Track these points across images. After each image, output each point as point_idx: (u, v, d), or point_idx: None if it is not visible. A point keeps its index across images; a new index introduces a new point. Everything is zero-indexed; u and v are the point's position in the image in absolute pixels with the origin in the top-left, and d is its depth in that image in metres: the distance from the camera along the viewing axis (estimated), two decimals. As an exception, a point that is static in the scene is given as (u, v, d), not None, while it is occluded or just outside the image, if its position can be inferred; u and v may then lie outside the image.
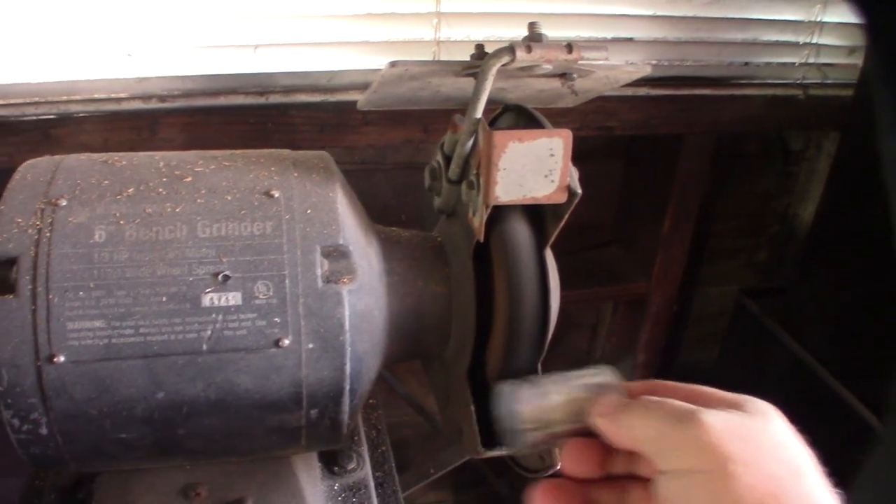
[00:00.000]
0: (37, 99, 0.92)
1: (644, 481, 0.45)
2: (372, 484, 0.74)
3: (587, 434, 0.48)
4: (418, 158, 1.16)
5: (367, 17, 0.98)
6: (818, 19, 1.20)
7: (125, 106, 0.94)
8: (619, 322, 1.45)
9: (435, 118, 1.03)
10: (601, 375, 0.50)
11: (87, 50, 0.91)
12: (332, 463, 0.73)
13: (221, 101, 0.96)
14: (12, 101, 0.91)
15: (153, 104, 0.94)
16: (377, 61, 1.00)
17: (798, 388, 1.21)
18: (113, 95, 0.94)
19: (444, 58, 1.01)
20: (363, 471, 0.74)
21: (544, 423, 0.49)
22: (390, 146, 1.13)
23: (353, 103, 0.98)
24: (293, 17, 0.96)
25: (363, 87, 0.99)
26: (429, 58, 1.01)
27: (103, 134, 0.94)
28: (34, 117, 0.92)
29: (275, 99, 0.98)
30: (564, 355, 1.47)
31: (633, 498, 0.47)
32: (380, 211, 0.65)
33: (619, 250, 1.42)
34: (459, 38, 1.01)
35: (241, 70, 0.96)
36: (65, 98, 0.93)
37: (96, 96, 0.94)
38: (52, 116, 0.92)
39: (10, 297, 0.50)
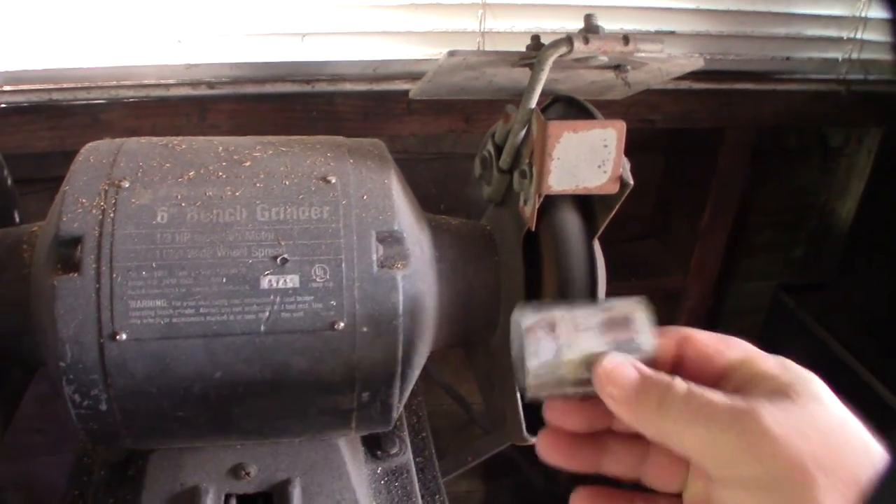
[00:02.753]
0: (87, 84, 0.94)
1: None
2: (414, 469, 0.75)
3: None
4: (458, 149, 1.17)
5: (412, 7, 0.99)
6: (862, 14, 1.19)
7: (174, 92, 0.95)
8: (654, 315, 1.45)
9: (477, 109, 1.03)
10: (631, 310, 0.45)
11: (138, 36, 0.93)
12: (375, 447, 0.74)
13: (268, 88, 0.97)
14: (64, 86, 0.93)
15: (202, 91, 0.96)
16: (422, 51, 1.01)
17: (834, 383, 1.20)
18: (162, 81, 0.96)
19: (488, 48, 1.01)
20: (405, 455, 0.75)
21: (555, 380, 0.43)
22: (432, 136, 1.14)
23: (398, 93, 1.00)
24: (340, 6, 0.96)
25: (408, 76, 1.00)
26: (473, 48, 1.01)
27: (152, 119, 0.96)
28: (85, 101, 0.93)
29: (321, 87, 0.98)
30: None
31: None
32: (420, 200, 0.66)
33: (657, 243, 1.42)
34: (504, 30, 1.02)
35: (289, 58, 0.97)
36: (115, 83, 0.95)
37: (146, 82, 0.95)
38: (102, 101, 0.94)
39: (75, 275, 0.51)
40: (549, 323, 0.43)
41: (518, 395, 0.60)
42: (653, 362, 0.43)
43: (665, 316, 0.42)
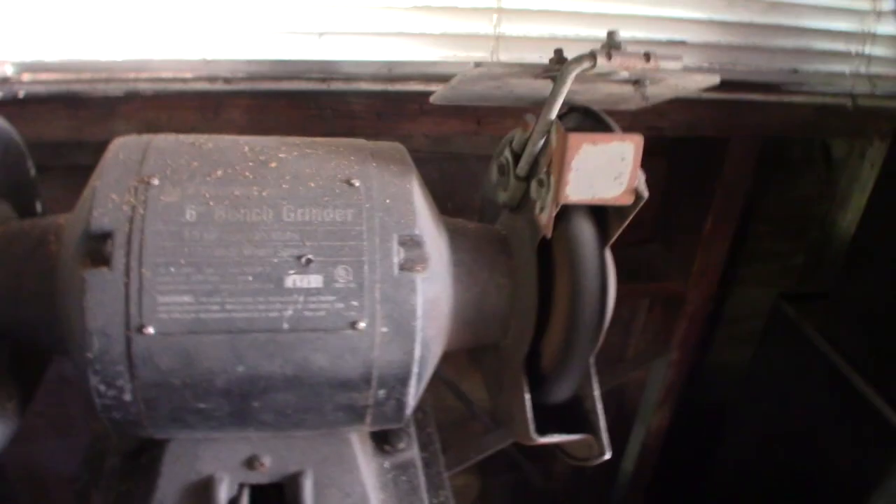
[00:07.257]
0: (106, 75, 0.95)
1: None
2: (420, 463, 0.77)
3: None
4: (469, 150, 1.18)
5: (427, 10, 1.00)
6: (871, 30, 1.21)
7: (191, 86, 0.96)
8: (653, 319, 1.47)
9: (489, 112, 1.05)
10: None
11: (157, 30, 0.94)
12: (383, 441, 0.76)
13: (284, 85, 0.98)
14: (83, 77, 0.94)
15: (218, 86, 0.96)
16: (436, 53, 1.02)
17: (831, 393, 1.22)
18: (179, 75, 0.96)
19: (502, 53, 1.02)
20: (412, 450, 0.77)
21: None
22: (443, 136, 1.15)
23: (411, 93, 1.01)
24: (356, 6, 0.97)
25: (422, 77, 1.02)
26: (487, 52, 1.02)
27: (168, 112, 0.97)
28: (103, 93, 0.95)
29: (336, 86, 1.00)
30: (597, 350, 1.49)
31: None
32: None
33: (659, 248, 1.44)
34: (518, 34, 1.03)
35: (305, 56, 0.98)
36: (133, 76, 0.95)
37: (163, 75, 0.96)
38: (119, 93, 0.95)
39: (105, 269, 0.52)
40: None
41: (527, 395, 0.61)
42: None
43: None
